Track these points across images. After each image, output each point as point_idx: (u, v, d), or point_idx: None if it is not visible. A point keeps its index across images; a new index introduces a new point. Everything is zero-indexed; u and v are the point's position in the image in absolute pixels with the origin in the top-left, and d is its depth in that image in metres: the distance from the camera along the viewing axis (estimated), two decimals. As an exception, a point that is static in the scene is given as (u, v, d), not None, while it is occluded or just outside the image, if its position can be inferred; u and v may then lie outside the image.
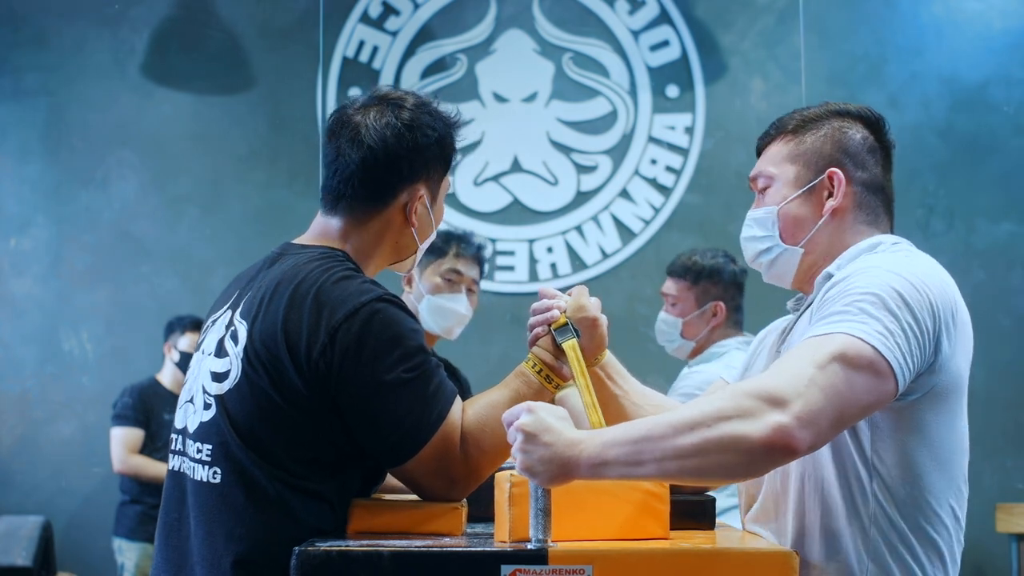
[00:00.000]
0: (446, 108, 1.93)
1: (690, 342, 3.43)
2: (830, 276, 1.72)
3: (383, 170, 1.83)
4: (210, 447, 1.73)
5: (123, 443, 4.88)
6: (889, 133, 1.84)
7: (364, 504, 1.72)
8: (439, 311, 3.16)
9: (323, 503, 1.71)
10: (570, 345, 1.80)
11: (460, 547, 1.54)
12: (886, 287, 1.56)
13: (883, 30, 5.33)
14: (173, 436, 1.84)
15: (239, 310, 1.78)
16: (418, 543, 1.55)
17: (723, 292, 3.40)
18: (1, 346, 5.38)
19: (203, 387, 1.77)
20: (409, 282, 3.20)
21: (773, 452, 1.41)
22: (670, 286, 3.47)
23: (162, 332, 5.08)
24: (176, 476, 1.81)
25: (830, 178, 1.78)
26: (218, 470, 1.72)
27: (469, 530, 1.76)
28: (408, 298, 3.18)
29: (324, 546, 1.51)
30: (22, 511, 5.09)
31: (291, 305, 1.71)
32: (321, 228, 1.88)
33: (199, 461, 1.74)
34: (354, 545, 1.53)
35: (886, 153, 1.84)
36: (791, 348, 1.63)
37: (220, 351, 1.76)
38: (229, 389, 1.73)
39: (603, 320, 1.89)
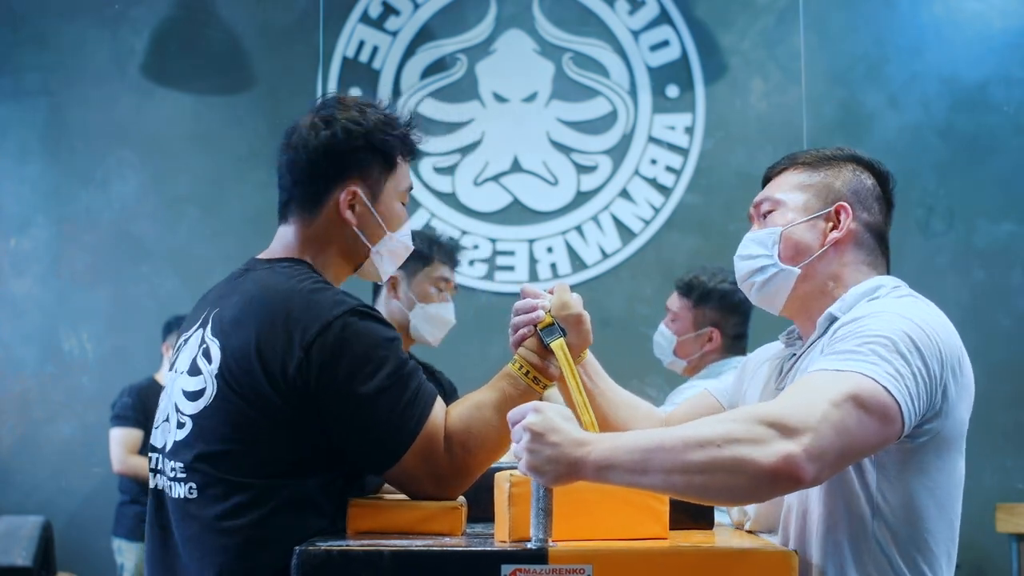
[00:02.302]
0: (391, 109, 1.92)
1: (682, 361, 3.40)
2: (834, 318, 1.73)
3: (309, 169, 1.87)
4: (183, 464, 1.74)
5: (122, 443, 4.88)
6: (893, 189, 1.87)
7: (364, 504, 1.72)
8: (433, 320, 3.19)
9: (306, 506, 1.71)
10: (558, 345, 1.79)
11: (460, 547, 1.54)
12: (898, 331, 1.58)
13: (883, 30, 5.33)
14: (152, 455, 1.85)
15: (209, 328, 1.79)
16: (418, 543, 1.55)
17: (722, 319, 3.32)
18: (1, 346, 5.38)
19: (176, 406, 1.78)
20: (394, 287, 3.17)
21: (778, 480, 1.42)
22: (673, 301, 3.41)
23: (161, 332, 5.08)
24: (156, 494, 1.83)
25: (837, 211, 1.80)
26: (193, 485, 1.73)
27: (469, 530, 1.76)
28: (392, 303, 3.18)
29: (325, 545, 1.51)
30: (22, 511, 5.08)
31: (262, 322, 1.71)
32: (280, 240, 1.90)
33: (174, 479, 1.76)
34: (355, 545, 1.53)
35: (889, 206, 1.86)
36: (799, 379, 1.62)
37: (193, 370, 1.77)
38: (204, 407, 1.73)
39: (587, 316, 1.89)
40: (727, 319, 3.34)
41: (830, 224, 1.80)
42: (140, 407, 4.90)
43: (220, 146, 5.40)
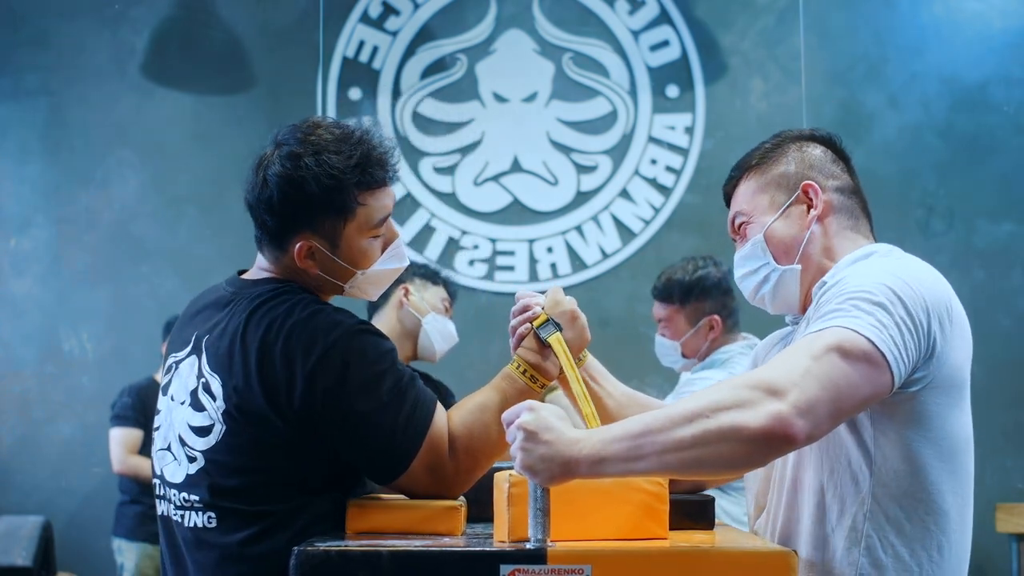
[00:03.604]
0: (362, 135, 1.81)
1: (692, 359, 3.35)
2: (824, 284, 1.73)
3: (260, 222, 1.83)
4: (198, 497, 1.75)
5: (122, 443, 4.88)
6: (842, 145, 1.87)
7: (363, 504, 1.72)
8: (443, 333, 3.24)
9: (324, 523, 1.73)
10: (556, 339, 1.81)
11: (459, 547, 1.54)
12: (878, 285, 1.58)
13: (883, 30, 5.33)
14: (155, 480, 1.85)
15: (205, 359, 1.77)
16: (417, 543, 1.55)
17: (713, 304, 3.25)
18: (1, 346, 5.38)
19: (181, 438, 1.78)
20: (407, 295, 3.20)
21: (772, 441, 1.42)
22: (659, 310, 3.33)
23: (161, 332, 5.08)
24: (166, 521, 1.83)
25: (805, 191, 1.80)
26: (212, 515, 1.74)
27: (468, 530, 1.76)
28: (404, 311, 3.21)
29: (323, 546, 1.51)
30: (22, 511, 5.08)
31: (262, 355, 1.71)
32: (260, 265, 1.88)
33: (190, 508, 1.76)
34: (353, 545, 1.53)
35: (848, 163, 1.86)
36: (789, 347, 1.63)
37: (196, 404, 1.76)
38: (215, 443, 1.74)
39: (581, 313, 1.89)
40: (717, 302, 3.27)
41: (804, 206, 1.80)
42: (140, 407, 4.90)
43: (220, 146, 5.40)
